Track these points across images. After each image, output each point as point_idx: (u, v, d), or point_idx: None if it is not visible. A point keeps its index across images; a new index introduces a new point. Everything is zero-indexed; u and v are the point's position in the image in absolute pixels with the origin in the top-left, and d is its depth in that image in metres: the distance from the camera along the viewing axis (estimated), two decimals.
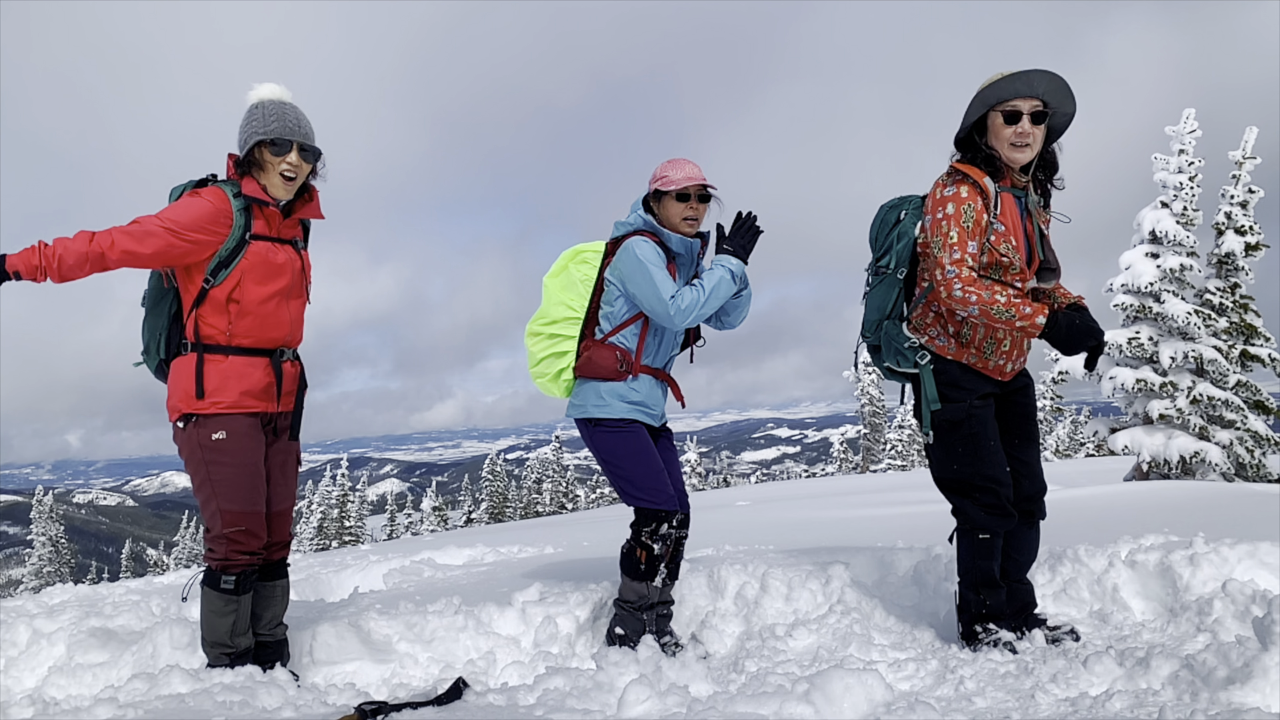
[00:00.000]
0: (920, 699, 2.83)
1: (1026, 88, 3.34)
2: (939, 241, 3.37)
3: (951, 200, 3.37)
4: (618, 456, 3.79)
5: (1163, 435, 16.54)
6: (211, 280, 3.30)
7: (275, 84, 3.37)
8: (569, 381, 3.91)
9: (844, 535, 6.67)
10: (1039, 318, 3.31)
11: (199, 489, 3.38)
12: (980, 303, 3.31)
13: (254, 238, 3.33)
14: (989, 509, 3.47)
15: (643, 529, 3.74)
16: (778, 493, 17.05)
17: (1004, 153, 3.39)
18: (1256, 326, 17.35)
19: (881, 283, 3.68)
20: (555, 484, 47.14)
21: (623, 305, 3.78)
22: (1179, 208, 17.04)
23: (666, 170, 3.76)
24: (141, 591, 6.55)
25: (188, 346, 3.36)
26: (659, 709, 2.80)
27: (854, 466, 42.32)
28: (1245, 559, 3.89)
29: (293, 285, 3.48)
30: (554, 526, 11.45)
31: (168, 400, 3.41)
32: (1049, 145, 3.50)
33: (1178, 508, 7.10)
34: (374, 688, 3.58)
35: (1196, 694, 2.61)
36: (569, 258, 3.91)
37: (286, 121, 3.31)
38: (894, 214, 3.68)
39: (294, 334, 3.55)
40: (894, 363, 3.66)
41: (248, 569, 3.40)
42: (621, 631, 3.78)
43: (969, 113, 3.45)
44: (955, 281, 3.33)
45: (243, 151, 3.34)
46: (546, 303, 3.91)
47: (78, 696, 3.46)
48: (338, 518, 45.68)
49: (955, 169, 3.46)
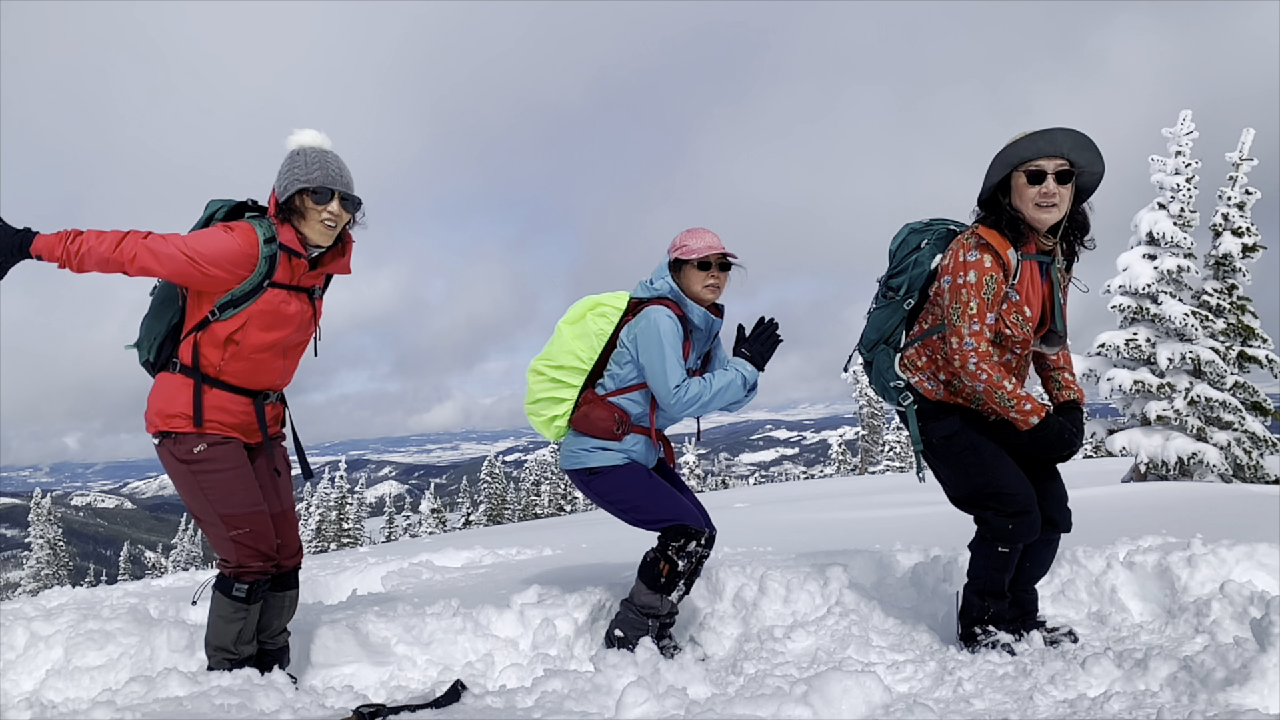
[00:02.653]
0: (918, 701, 2.83)
1: (1050, 146, 3.24)
2: (958, 310, 3.32)
3: (974, 267, 3.30)
4: (620, 493, 3.80)
5: (1160, 436, 16.54)
6: (217, 314, 3.26)
7: (315, 130, 3.34)
8: (560, 428, 3.93)
9: (842, 537, 6.67)
10: (1033, 418, 3.33)
11: (194, 505, 3.36)
12: (989, 383, 3.32)
13: (271, 284, 3.29)
14: (1011, 515, 3.41)
15: (671, 543, 3.74)
16: (776, 494, 17.06)
17: (1029, 213, 3.29)
18: (1254, 328, 17.36)
19: (887, 305, 3.68)
20: (554, 486, 47.11)
21: (632, 370, 3.78)
22: (1176, 209, 17.05)
23: (686, 240, 3.78)
24: (139, 594, 6.54)
25: (177, 365, 3.33)
26: (657, 711, 2.80)
27: (852, 468, 42.32)
28: (1243, 560, 3.89)
29: (297, 336, 3.45)
30: (552, 529, 11.45)
31: (146, 410, 3.38)
32: (1078, 205, 3.39)
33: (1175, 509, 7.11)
34: (372, 690, 3.58)
35: (1194, 695, 2.61)
36: (587, 307, 3.90)
37: (329, 170, 3.28)
38: (916, 239, 3.64)
39: (284, 380, 3.53)
40: (879, 391, 3.73)
41: (260, 578, 3.39)
42: (621, 634, 3.78)
43: (990, 174, 3.35)
44: (972, 355, 3.31)
45: (283, 197, 3.28)
46: (557, 347, 3.89)
47: (75, 699, 3.45)
48: (336, 520, 45.66)
49: (979, 235, 3.35)
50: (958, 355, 3.34)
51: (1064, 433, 3.40)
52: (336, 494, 46.35)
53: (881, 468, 38.58)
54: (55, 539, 45.35)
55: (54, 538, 45.23)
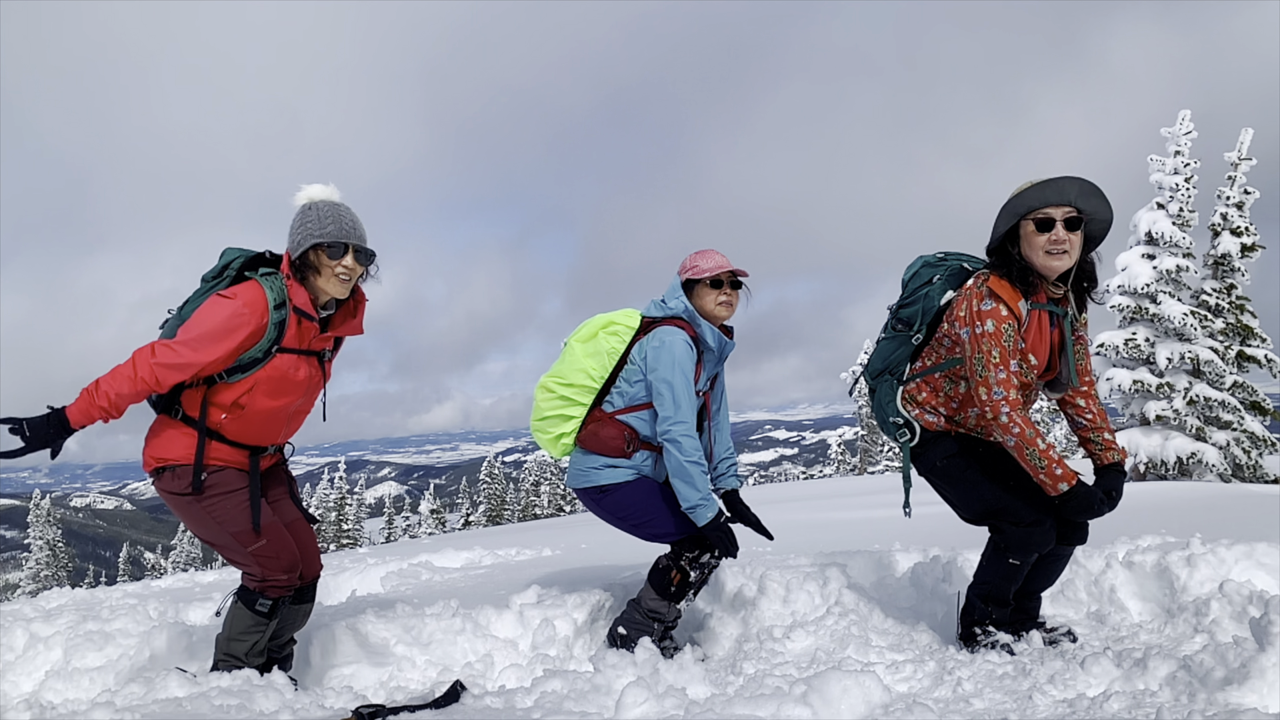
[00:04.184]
0: (918, 700, 2.83)
1: (1057, 195, 3.22)
2: (981, 360, 3.27)
3: (991, 317, 3.26)
4: (632, 508, 3.80)
5: (1159, 436, 16.57)
6: (225, 377, 3.24)
7: (324, 185, 3.33)
8: (567, 445, 3.93)
9: (841, 537, 6.68)
10: (1061, 485, 3.21)
11: (206, 533, 3.33)
12: (1021, 438, 3.24)
13: (280, 350, 3.26)
14: (1028, 526, 3.37)
15: (685, 553, 3.74)
16: (775, 494, 17.07)
17: (1039, 262, 3.26)
18: (1253, 327, 17.39)
19: (895, 337, 3.68)
20: (553, 487, 47.12)
21: (642, 389, 3.78)
22: (1175, 209, 17.08)
23: (696, 261, 3.81)
24: (139, 595, 6.55)
25: (179, 413, 3.29)
26: (656, 711, 2.80)
27: (851, 468, 42.32)
28: (1242, 560, 3.90)
29: (304, 401, 3.44)
30: (551, 529, 11.45)
31: (144, 450, 3.35)
32: (1086, 254, 3.36)
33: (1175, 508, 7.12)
34: (371, 691, 3.58)
35: (1194, 695, 2.61)
36: (600, 325, 3.90)
37: (343, 225, 3.26)
38: (929, 273, 3.62)
39: (285, 438, 3.52)
40: (879, 421, 3.73)
41: (285, 593, 3.38)
42: (624, 632, 3.79)
43: (998, 224, 3.34)
44: (1003, 405, 3.25)
45: (297, 253, 3.25)
46: (567, 365, 3.88)
47: (75, 700, 3.45)
48: (335, 520, 45.63)
49: (990, 287, 3.31)
50: (989, 407, 3.27)
51: (1092, 501, 3.26)
52: (336, 495, 46.34)
53: (881, 468, 38.58)
54: (54, 540, 45.32)
55: (53, 539, 45.20)
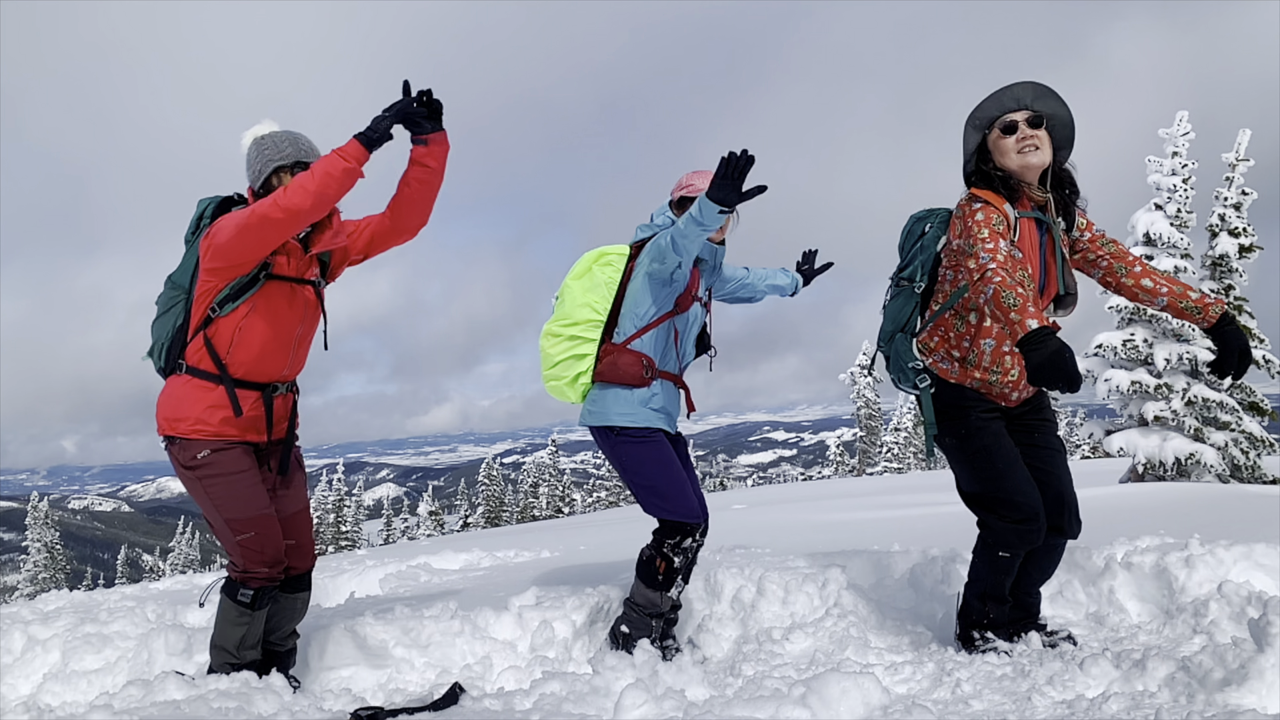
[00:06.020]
0: (917, 702, 2.83)
1: (1012, 100, 3.34)
2: (970, 241, 3.25)
3: (980, 210, 3.30)
4: (644, 467, 3.75)
5: (1158, 437, 16.57)
6: (218, 310, 3.28)
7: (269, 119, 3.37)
8: (586, 385, 3.85)
9: (840, 538, 6.67)
10: (1029, 321, 2.90)
11: (203, 508, 3.36)
12: (1001, 283, 3.02)
13: (271, 277, 3.30)
14: (1015, 523, 3.37)
15: (666, 540, 3.72)
16: (774, 496, 17.06)
17: (1014, 165, 3.33)
18: (1251, 329, 17.39)
19: (900, 294, 3.68)
20: (551, 488, 47.11)
21: (649, 305, 3.75)
22: (1173, 210, 17.09)
23: (693, 179, 3.81)
24: (137, 598, 6.54)
25: (184, 367, 3.34)
26: (655, 713, 2.80)
27: (850, 469, 42.33)
28: (1241, 560, 3.90)
29: (303, 326, 3.46)
30: (550, 530, 11.44)
31: (156, 413, 3.39)
32: (1059, 163, 3.43)
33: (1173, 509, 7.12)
34: (370, 693, 3.57)
35: (1193, 696, 2.62)
36: (593, 259, 3.87)
37: (300, 145, 3.32)
38: (920, 226, 3.66)
39: (293, 370, 3.52)
40: (897, 378, 3.69)
41: (267, 584, 3.37)
42: (626, 630, 3.78)
43: (966, 143, 3.43)
44: (990, 263, 3.13)
45: (259, 183, 3.30)
46: (569, 304, 3.84)
47: (73, 703, 3.45)
48: (334, 522, 45.61)
49: (974, 195, 3.37)
50: (978, 273, 3.15)
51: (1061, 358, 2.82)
52: (334, 496, 46.33)
53: (879, 469, 38.60)
54: (52, 542, 45.29)
55: (51, 541, 45.17)
